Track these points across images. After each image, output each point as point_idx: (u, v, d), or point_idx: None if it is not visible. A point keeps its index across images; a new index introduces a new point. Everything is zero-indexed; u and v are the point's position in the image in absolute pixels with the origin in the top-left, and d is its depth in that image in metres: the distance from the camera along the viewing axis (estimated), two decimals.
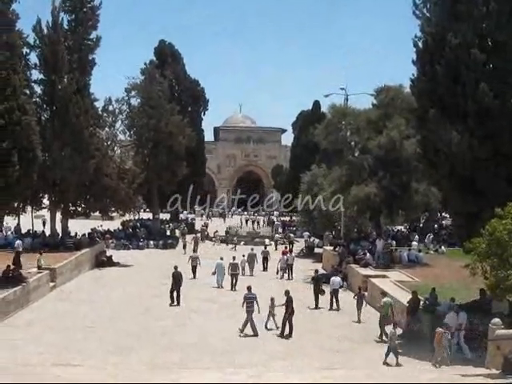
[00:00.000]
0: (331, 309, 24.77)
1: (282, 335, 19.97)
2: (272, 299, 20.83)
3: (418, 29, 19.91)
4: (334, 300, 24.93)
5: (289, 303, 20.17)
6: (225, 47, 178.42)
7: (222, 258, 30.49)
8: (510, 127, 17.87)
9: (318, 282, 25.64)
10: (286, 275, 32.81)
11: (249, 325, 19.97)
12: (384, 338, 19.40)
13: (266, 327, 20.60)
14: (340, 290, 25.70)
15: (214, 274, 29.09)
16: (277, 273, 33.03)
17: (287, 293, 20.55)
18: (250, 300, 20.18)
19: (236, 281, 28.63)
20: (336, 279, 25.74)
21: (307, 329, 21.01)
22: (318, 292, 25.23)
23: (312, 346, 19.00)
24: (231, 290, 28.18)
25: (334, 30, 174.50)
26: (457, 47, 18.35)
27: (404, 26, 34.15)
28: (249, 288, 20.89)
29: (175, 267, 25.63)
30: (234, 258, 30.59)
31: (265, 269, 35.22)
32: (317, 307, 24.86)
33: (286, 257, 33.63)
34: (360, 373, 15.33)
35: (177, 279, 24.86)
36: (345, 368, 16.15)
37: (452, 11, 18.80)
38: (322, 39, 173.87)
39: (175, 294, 24.74)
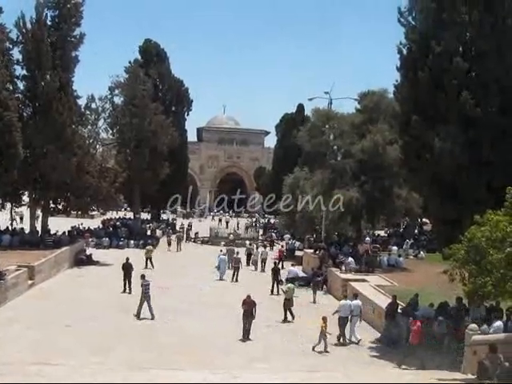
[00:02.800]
0: None
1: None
2: (324, 318, 18.61)
3: (402, 36, 20.13)
4: None
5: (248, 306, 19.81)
6: (210, 48, 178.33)
7: (225, 254, 33.51)
8: (491, 135, 18.12)
9: (277, 272, 28.62)
10: (259, 268, 35.54)
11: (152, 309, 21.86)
12: (289, 319, 22.25)
13: (313, 349, 18.50)
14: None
15: (217, 268, 31.97)
16: (251, 264, 36.38)
17: (248, 297, 20.07)
18: (146, 286, 22.27)
19: (237, 273, 31.41)
20: (292, 269, 29.80)
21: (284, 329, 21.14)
22: (275, 281, 28.00)
23: (291, 348, 19.02)
24: (232, 281, 30.99)
25: (319, 34, 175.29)
26: (440, 55, 18.60)
27: (389, 33, 34.41)
28: (143, 276, 23.08)
29: (127, 259, 27.63)
30: (237, 253, 33.75)
31: (248, 263, 36.70)
32: (272, 293, 27.61)
33: (260, 251, 37.21)
34: (340, 374, 15.46)
35: (127, 270, 26.74)
36: (324, 370, 16.26)
37: (436, 19, 19.03)
38: (308, 42, 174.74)
39: (127, 282, 26.60)
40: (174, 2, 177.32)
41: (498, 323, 16.01)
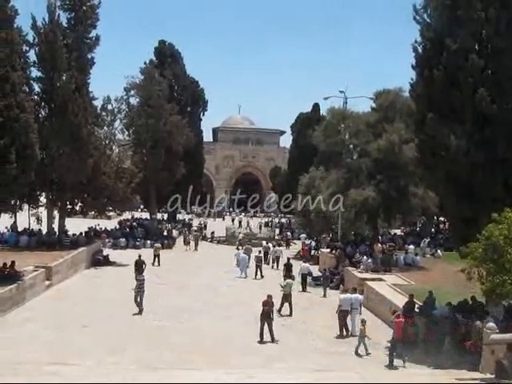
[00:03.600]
0: (301, 291, 28.21)
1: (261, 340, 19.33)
2: (363, 321, 18.60)
3: (418, 34, 19.95)
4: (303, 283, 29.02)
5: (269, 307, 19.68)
6: (225, 48, 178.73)
7: (244, 253, 34.68)
8: (507, 133, 17.90)
9: (289, 268, 29.30)
10: (274, 265, 36.64)
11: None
12: (286, 312, 22.77)
13: (356, 353, 18.18)
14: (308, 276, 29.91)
15: (237, 265, 33.23)
16: (268, 263, 37.16)
17: (269, 297, 19.86)
18: (141, 282, 23.28)
19: (261, 270, 32.72)
20: (305, 265, 30.34)
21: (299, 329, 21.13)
22: (288, 276, 27.67)
23: (305, 347, 18.97)
24: (255, 278, 32.02)
25: (334, 33, 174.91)
26: (455, 52, 18.38)
27: (405, 30, 34.15)
28: (141, 272, 25.09)
29: (139, 256, 28.91)
30: (259, 252, 34.79)
31: (266, 262, 37.01)
32: None
33: (275, 249, 38.44)
34: (354, 374, 15.39)
35: (140, 266, 27.73)
36: (339, 370, 16.20)
37: (451, 17, 18.82)
38: (322, 42, 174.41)
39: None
40: (190, 4, 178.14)
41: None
